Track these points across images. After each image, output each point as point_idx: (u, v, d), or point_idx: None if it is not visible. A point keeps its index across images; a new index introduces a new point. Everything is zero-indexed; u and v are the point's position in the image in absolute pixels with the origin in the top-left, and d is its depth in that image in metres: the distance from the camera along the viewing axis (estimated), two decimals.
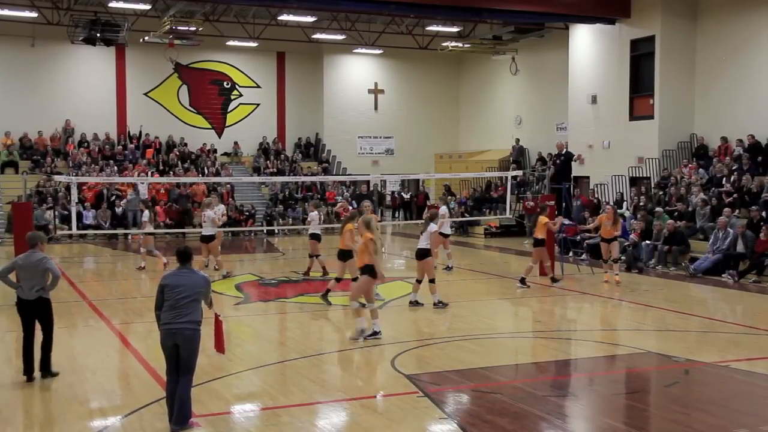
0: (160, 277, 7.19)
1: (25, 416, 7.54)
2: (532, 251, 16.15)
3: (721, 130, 21.03)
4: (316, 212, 16.41)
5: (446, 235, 17.14)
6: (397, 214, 31.79)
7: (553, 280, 15.66)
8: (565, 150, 24.76)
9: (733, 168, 19.48)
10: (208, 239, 15.92)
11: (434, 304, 12.73)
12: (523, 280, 14.97)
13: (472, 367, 9.16)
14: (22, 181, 14.88)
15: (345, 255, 12.84)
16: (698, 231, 18.22)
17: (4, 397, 8.26)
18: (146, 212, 17.86)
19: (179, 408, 6.78)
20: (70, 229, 18.19)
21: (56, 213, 24.90)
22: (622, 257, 17.43)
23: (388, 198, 32.35)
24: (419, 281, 12.97)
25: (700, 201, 18.42)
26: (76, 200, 18.95)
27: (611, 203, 19.54)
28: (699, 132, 21.93)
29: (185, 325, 6.80)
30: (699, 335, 11.19)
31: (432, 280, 12.81)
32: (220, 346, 7.51)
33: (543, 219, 15.19)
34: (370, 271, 10.44)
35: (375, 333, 10.47)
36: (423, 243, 12.76)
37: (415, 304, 12.86)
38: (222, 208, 18.66)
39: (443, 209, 17.19)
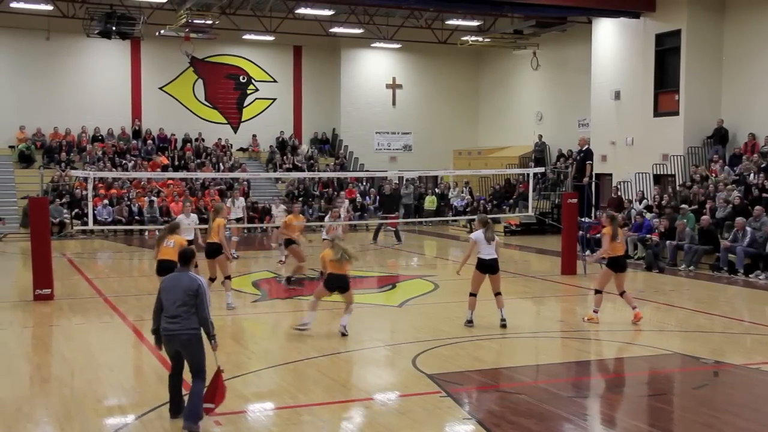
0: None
1: (45, 413, 7.46)
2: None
3: (749, 127, 20.70)
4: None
5: None
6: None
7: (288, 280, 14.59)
8: (586, 146, 24.47)
9: (762, 165, 19.14)
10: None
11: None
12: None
13: (494, 367, 9.05)
14: (39, 176, 14.84)
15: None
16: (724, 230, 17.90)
17: (23, 393, 8.21)
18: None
19: (193, 406, 6.66)
20: (86, 224, 18.18)
21: (66, 208, 24.90)
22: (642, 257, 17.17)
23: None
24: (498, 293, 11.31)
25: (736, 199, 18.00)
26: (93, 195, 18.91)
27: (606, 210, 16.70)
28: (727, 129, 21.56)
29: (180, 331, 6.67)
30: (726, 336, 10.94)
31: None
32: (210, 399, 6.83)
33: (219, 221, 12.51)
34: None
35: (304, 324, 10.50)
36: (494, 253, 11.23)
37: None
38: (242, 200, 18.63)
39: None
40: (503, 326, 10.99)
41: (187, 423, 6.63)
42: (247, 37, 30.13)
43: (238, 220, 18.21)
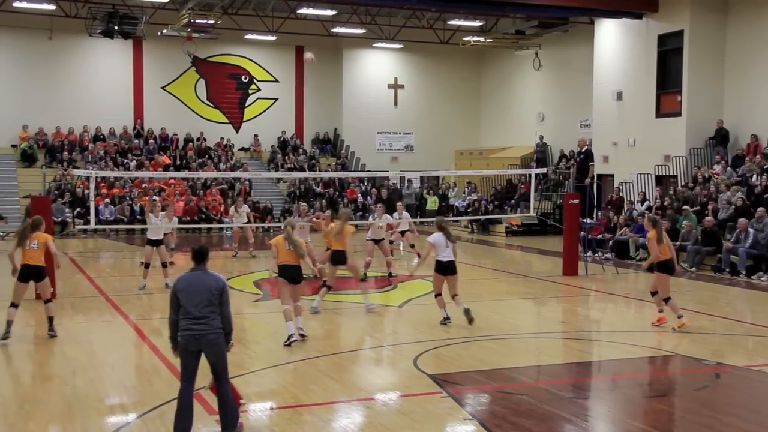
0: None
1: (46, 411, 7.46)
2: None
3: (752, 128, 20.67)
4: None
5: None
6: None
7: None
8: (585, 147, 24.43)
9: (765, 166, 19.12)
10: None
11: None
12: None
13: (495, 368, 9.02)
14: (41, 175, 14.86)
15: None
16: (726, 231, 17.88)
17: (25, 391, 8.21)
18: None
19: (229, 412, 6.51)
20: (88, 223, 18.19)
21: (68, 207, 24.93)
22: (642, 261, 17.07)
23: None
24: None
25: (739, 200, 17.98)
26: (95, 195, 18.91)
27: (646, 211, 16.60)
28: (729, 130, 21.52)
29: (207, 330, 6.42)
30: (728, 338, 10.92)
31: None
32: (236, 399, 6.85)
33: (349, 228, 12.47)
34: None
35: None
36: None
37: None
38: (246, 207, 18.70)
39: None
40: (469, 320, 10.95)
41: (229, 429, 6.49)
42: (248, 36, 30.14)
43: (241, 227, 18.25)
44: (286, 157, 30.93)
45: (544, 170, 24.02)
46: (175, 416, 6.45)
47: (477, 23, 30.00)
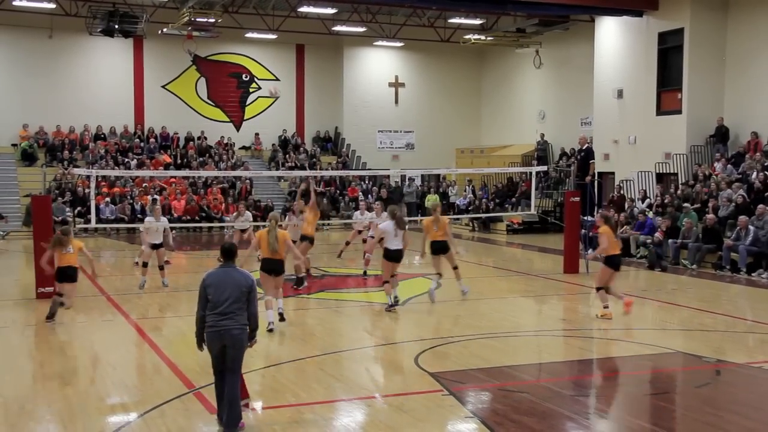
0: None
1: (48, 411, 7.47)
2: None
3: (752, 125, 20.65)
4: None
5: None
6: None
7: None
8: (587, 145, 24.41)
9: (765, 163, 19.11)
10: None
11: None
12: None
13: (496, 366, 9.00)
14: (41, 174, 14.88)
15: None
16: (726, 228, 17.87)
17: (26, 391, 8.21)
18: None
19: (231, 410, 6.55)
20: (89, 223, 18.18)
21: (69, 206, 24.92)
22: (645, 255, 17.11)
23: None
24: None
25: (740, 198, 17.96)
26: (95, 194, 18.90)
27: (600, 211, 16.24)
28: (729, 127, 21.51)
29: (232, 325, 6.51)
30: (729, 335, 10.91)
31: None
32: (245, 395, 6.95)
33: (444, 219, 13.48)
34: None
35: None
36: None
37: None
38: (248, 215, 18.71)
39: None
40: (395, 304, 11.94)
41: (228, 429, 6.54)
42: (249, 35, 30.13)
43: (243, 231, 18.18)
44: (287, 156, 30.94)
45: (544, 168, 23.99)
46: (217, 406, 6.71)
47: (477, 21, 29.98)
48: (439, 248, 12.88)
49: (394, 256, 11.88)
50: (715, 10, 21.66)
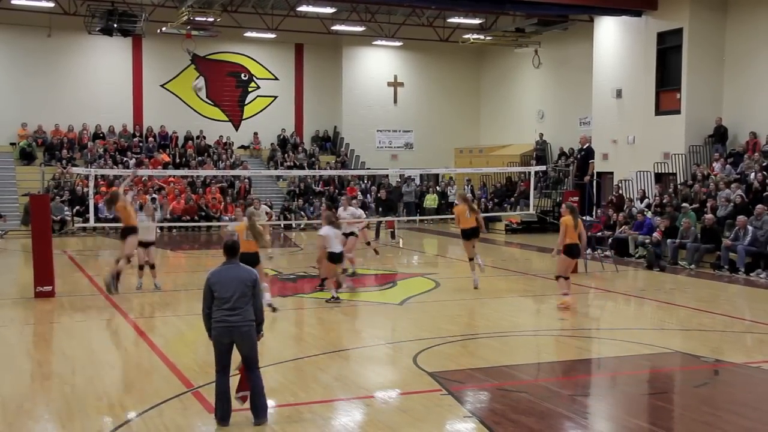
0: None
1: (46, 410, 7.46)
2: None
3: (751, 125, 20.67)
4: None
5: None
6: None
7: None
8: (587, 145, 24.45)
9: (764, 163, 19.12)
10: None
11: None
12: None
13: (495, 365, 9.00)
14: (40, 173, 14.89)
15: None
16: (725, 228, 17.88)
17: (24, 390, 8.21)
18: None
19: (262, 401, 6.82)
20: (87, 222, 18.18)
21: (67, 205, 24.90)
22: (644, 256, 17.09)
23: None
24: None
25: (738, 198, 17.98)
26: (94, 193, 18.89)
27: (566, 202, 15.66)
28: (728, 127, 21.52)
29: (241, 322, 6.68)
30: (727, 335, 10.91)
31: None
32: (245, 387, 7.06)
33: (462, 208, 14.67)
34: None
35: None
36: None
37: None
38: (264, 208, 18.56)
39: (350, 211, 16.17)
40: (335, 300, 12.65)
41: (260, 420, 6.79)
42: (248, 34, 30.12)
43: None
44: (286, 155, 30.93)
45: (543, 168, 24.02)
46: (215, 404, 6.83)
47: (476, 21, 29.98)
48: (471, 233, 14.21)
49: (337, 259, 12.83)
50: (714, 10, 21.66)
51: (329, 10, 27.86)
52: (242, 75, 31.98)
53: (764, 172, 18.72)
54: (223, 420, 6.80)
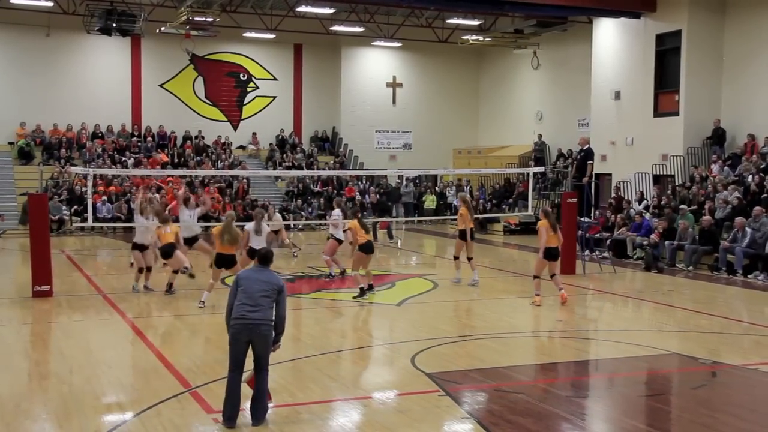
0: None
1: (43, 409, 7.45)
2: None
3: (749, 127, 20.69)
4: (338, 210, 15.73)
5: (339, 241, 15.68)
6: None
7: None
8: (587, 146, 24.43)
9: (761, 166, 19.14)
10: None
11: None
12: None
13: (493, 366, 9.01)
14: (38, 173, 14.87)
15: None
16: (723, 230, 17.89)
17: (21, 389, 8.20)
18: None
19: (263, 405, 6.86)
20: (85, 221, 18.15)
21: (66, 205, 24.88)
22: (642, 257, 17.11)
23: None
24: None
25: (736, 200, 17.99)
26: (92, 192, 18.86)
27: (543, 206, 16.82)
28: (726, 129, 21.55)
29: (261, 321, 6.76)
30: (724, 337, 10.93)
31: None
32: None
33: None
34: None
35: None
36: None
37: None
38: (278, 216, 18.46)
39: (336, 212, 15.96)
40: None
41: (257, 422, 6.82)
42: (247, 34, 30.11)
43: (276, 232, 17.90)
44: (285, 155, 30.92)
45: (542, 169, 24.02)
46: (224, 403, 6.83)
47: (475, 22, 30.00)
48: (472, 233, 15.03)
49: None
50: (713, 12, 21.68)
51: (328, 10, 27.86)
52: (241, 75, 31.98)
53: (762, 174, 18.73)
54: (230, 420, 6.76)
